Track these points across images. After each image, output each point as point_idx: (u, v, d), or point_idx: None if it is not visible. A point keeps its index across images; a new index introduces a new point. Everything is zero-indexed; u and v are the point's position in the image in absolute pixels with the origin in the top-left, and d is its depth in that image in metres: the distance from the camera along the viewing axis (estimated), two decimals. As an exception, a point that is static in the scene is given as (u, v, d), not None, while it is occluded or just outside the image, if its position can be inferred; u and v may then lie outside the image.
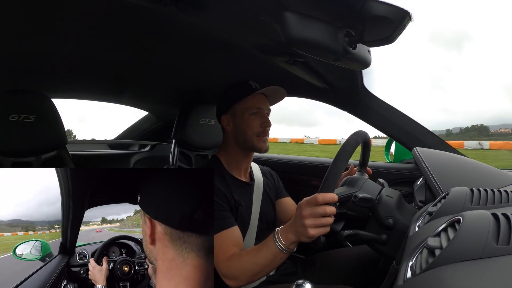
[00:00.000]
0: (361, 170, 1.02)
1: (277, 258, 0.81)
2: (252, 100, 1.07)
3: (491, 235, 0.39)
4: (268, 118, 1.09)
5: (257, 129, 1.06)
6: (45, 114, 1.07)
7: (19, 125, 1.00)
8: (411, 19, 0.57)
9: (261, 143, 1.07)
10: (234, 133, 1.09)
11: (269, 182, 1.23)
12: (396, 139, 1.30)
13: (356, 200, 0.73)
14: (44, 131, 1.07)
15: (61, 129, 1.12)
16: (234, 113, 1.09)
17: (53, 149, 1.13)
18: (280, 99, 1.16)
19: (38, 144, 1.07)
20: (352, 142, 0.79)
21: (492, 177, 0.95)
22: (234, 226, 0.95)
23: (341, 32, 0.61)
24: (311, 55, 0.67)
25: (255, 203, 1.12)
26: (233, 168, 1.10)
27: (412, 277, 0.44)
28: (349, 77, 1.16)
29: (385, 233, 0.78)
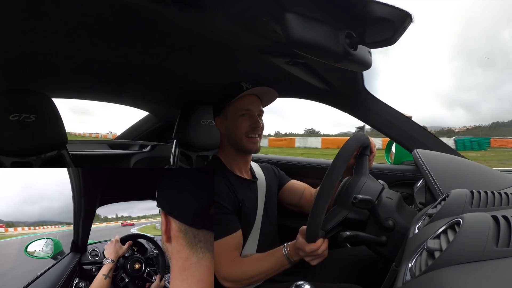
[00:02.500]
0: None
1: (281, 267, 0.93)
2: (241, 102, 1.08)
3: (491, 238, 0.39)
4: (258, 119, 1.09)
5: (246, 130, 1.07)
6: (46, 114, 1.07)
7: (20, 124, 1.00)
8: (412, 21, 0.57)
9: (250, 144, 1.08)
10: (227, 135, 1.12)
11: (271, 176, 1.25)
12: (396, 140, 1.30)
13: (356, 202, 0.73)
14: (44, 130, 1.07)
15: (61, 128, 1.12)
16: (225, 115, 1.11)
17: (53, 148, 1.13)
18: (271, 100, 1.17)
19: (38, 143, 1.07)
20: (343, 158, 0.78)
21: (492, 179, 0.95)
22: (238, 231, 1.00)
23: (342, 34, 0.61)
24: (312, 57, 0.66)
25: (260, 201, 1.14)
26: (234, 167, 1.12)
27: (411, 279, 0.44)
28: (349, 79, 1.16)
29: (385, 234, 0.78)
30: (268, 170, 1.27)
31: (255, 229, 1.10)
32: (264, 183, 1.20)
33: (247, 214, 1.06)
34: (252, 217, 1.09)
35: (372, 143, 0.97)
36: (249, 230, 1.09)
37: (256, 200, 1.13)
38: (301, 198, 1.24)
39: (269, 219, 1.17)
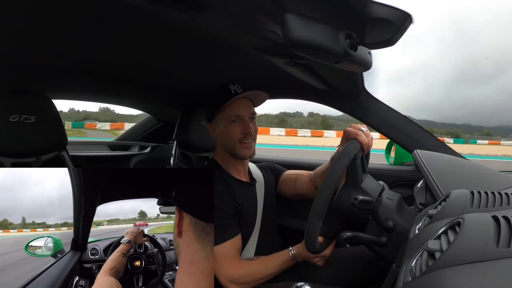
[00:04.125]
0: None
1: (286, 267, 0.99)
2: (231, 107, 1.05)
3: (492, 238, 0.39)
4: (249, 124, 1.06)
5: (238, 137, 1.05)
6: (46, 115, 1.07)
7: (20, 125, 1.00)
8: (412, 21, 0.57)
9: (244, 150, 1.07)
10: (220, 141, 1.11)
11: (268, 175, 1.25)
12: (396, 141, 1.29)
13: (356, 203, 0.73)
14: (44, 132, 1.07)
15: (61, 130, 1.12)
16: (216, 122, 1.10)
17: (53, 150, 1.13)
18: (262, 101, 1.14)
19: (38, 144, 1.07)
20: (339, 169, 0.74)
21: (493, 179, 0.95)
22: (239, 234, 1.01)
23: (342, 34, 0.61)
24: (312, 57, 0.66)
25: (259, 202, 1.14)
26: (232, 169, 1.12)
27: (412, 280, 0.44)
28: (349, 79, 1.16)
29: (385, 235, 0.78)
30: (265, 169, 1.27)
31: (255, 230, 1.11)
32: (263, 184, 1.19)
33: (247, 217, 1.06)
34: (252, 219, 1.09)
35: (363, 141, 0.86)
36: (250, 232, 1.09)
37: (255, 203, 1.12)
38: (296, 186, 1.24)
39: (269, 219, 1.17)
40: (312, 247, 0.76)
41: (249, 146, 1.07)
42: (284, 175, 1.28)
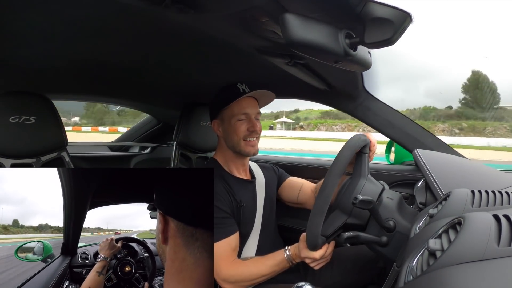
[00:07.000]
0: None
1: (281, 269, 0.95)
2: (239, 106, 1.07)
3: (493, 237, 0.39)
4: (255, 123, 1.09)
5: (243, 134, 1.07)
6: (46, 116, 1.07)
7: (20, 126, 1.00)
8: (411, 21, 0.57)
9: (248, 148, 1.08)
10: (224, 138, 1.12)
11: (270, 175, 1.25)
12: (396, 141, 1.29)
13: (357, 202, 0.73)
14: (44, 132, 1.07)
15: (61, 130, 1.12)
16: (222, 119, 1.11)
17: (53, 150, 1.13)
18: (269, 101, 1.17)
19: (38, 145, 1.07)
20: (339, 169, 0.76)
21: (493, 178, 0.95)
22: (235, 233, 1.00)
23: (342, 34, 0.61)
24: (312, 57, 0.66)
25: (259, 200, 1.14)
26: (232, 168, 1.13)
27: (413, 279, 0.44)
28: (349, 79, 1.16)
29: (386, 235, 0.78)
30: (267, 169, 1.27)
31: (255, 229, 1.11)
32: (263, 183, 1.20)
33: (246, 215, 1.07)
34: (252, 217, 1.10)
35: (372, 141, 0.94)
36: (249, 230, 1.09)
37: (255, 200, 1.13)
38: (299, 194, 1.24)
39: (269, 218, 1.17)
40: (315, 243, 0.76)
41: (253, 144, 1.09)
42: (287, 180, 1.29)
